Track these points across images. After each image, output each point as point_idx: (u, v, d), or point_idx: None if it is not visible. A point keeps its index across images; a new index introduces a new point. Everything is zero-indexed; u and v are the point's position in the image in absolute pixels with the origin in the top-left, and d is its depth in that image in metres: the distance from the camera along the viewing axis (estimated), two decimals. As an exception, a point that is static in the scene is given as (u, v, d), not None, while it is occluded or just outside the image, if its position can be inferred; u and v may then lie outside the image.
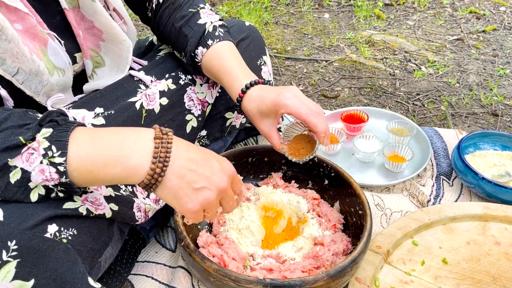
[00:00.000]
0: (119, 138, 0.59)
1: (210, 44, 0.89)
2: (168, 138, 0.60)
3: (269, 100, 0.82)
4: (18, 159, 0.54)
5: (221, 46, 0.90)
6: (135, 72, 0.87)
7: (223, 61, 0.88)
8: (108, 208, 0.69)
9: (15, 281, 0.54)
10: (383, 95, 1.66)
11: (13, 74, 0.68)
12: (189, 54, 0.90)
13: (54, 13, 0.75)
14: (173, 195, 0.61)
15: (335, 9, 2.37)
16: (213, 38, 0.89)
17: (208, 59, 0.89)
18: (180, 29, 0.90)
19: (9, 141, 0.54)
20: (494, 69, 1.81)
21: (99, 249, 0.70)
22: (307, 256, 0.89)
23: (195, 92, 0.94)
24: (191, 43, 0.90)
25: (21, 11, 0.68)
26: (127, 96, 0.83)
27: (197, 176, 0.61)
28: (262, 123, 0.87)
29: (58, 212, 0.60)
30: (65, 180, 0.57)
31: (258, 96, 0.84)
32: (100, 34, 0.81)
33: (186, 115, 0.92)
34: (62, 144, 0.56)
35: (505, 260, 0.93)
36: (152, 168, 0.58)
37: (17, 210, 0.57)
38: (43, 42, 0.72)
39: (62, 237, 0.60)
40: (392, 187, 1.16)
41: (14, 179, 0.55)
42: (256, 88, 0.86)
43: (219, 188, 0.62)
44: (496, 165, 1.16)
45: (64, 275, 0.58)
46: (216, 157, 0.65)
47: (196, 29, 0.90)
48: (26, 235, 0.55)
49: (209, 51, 0.89)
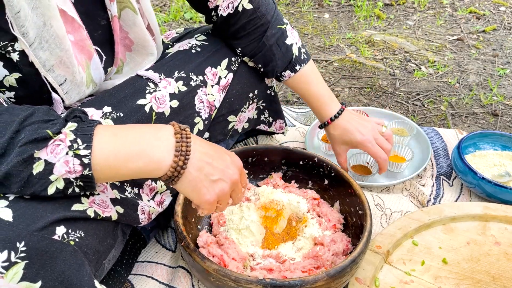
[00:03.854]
0: (141, 133, 0.62)
1: (297, 70, 1.02)
2: (186, 133, 0.63)
3: (356, 138, 1.02)
4: (43, 152, 0.55)
5: (306, 70, 1.03)
6: (143, 71, 0.87)
7: (311, 86, 1.03)
8: (114, 211, 0.69)
9: (22, 282, 0.54)
10: (383, 95, 1.66)
11: (60, 83, 0.70)
12: (275, 74, 1.03)
13: (97, 27, 0.77)
14: (193, 187, 0.65)
15: (335, 9, 2.37)
16: (300, 63, 1.02)
17: (295, 83, 1.04)
18: (271, 47, 0.98)
19: (37, 134, 0.55)
20: (494, 69, 1.81)
21: (105, 251, 0.70)
22: (307, 256, 0.89)
23: (206, 94, 0.93)
24: (278, 65, 1.00)
25: (76, 23, 0.70)
26: (136, 95, 0.83)
27: (213, 169, 0.65)
28: (339, 146, 1.07)
29: (67, 215, 0.60)
30: (87, 173, 0.57)
31: (344, 127, 1.03)
32: (130, 45, 0.84)
33: (195, 118, 0.92)
34: (87, 138, 0.58)
35: (505, 260, 0.93)
36: (175, 161, 0.61)
37: (27, 212, 0.57)
38: (89, 56, 0.75)
39: (70, 239, 0.60)
40: (392, 187, 1.16)
41: (37, 171, 0.55)
42: (342, 118, 1.03)
43: (232, 180, 0.67)
44: (496, 165, 1.16)
45: (71, 277, 0.58)
46: (226, 151, 0.70)
47: (284, 51, 1.00)
48: (35, 236, 0.55)
49: (296, 75, 1.02)
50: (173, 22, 2.21)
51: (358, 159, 1.19)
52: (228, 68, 0.99)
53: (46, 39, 0.65)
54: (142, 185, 0.80)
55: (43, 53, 0.66)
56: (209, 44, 0.99)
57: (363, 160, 1.18)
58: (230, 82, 1.00)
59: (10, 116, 0.55)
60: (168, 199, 0.88)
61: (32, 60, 0.66)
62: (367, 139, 1.01)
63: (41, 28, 0.64)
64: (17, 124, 0.54)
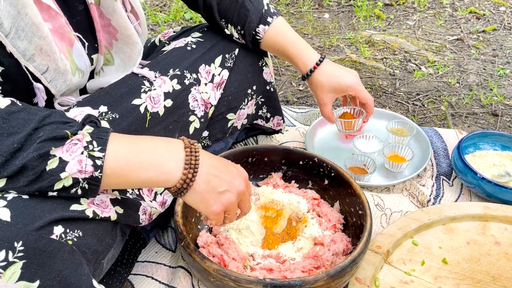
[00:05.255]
0: (153, 145, 0.65)
1: (270, 22, 0.99)
2: (195, 148, 0.66)
3: (345, 81, 1.01)
4: (59, 150, 0.57)
5: (279, 22, 1.00)
6: (138, 69, 0.87)
7: (287, 36, 1.00)
8: (114, 211, 0.69)
9: (20, 282, 0.53)
10: (383, 95, 1.66)
11: (42, 72, 0.70)
12: (250, 31, 0.99)
13: (75, 13, 0.77)
14: (201, 199, 0.67)
15: (335, 9, 2.37)
16: (271, 15, 0.99)
17: (271, 36, 1.00)
18: (243, 2, 0.97)
19: (56, 133, 0.57)
20: (494, 69, 1.81)
21: (103, 251, 0.70)
22: (307, 256, 0.89)
23: (200, 92, 0.94)
24: (252, 20, 0.98)
25: (52, 10, 0.69)
26: (131, 94, 0.83)
27: (220, 181, 0.68)
28: (326, 95, 1.05)
29: (65, 215, 0.60)
30: (97, 175, 0.59)
31: (330, 72, 1.01)
32: (114, 33, 0.83)
33: (190, 116, 0.92)
34: (102, 141, 0.60)
35: (505, 260, 0.93)
36: (185, 173, 0.64)
37: (25, 212, 0.56)
38: (70, 43, 0.74)
39: (68, 239, 0.60)
40: (392, 187, 1.16)
41: (50, 167, 0.57)
42: (326, 64, 1.01)
43: (238, 191, 0.70)
44: (496, 165, 1.16)
45: (69, 277, 0.58)
46: (232, 164, 0.73)
47: (256, 4, 0.98)
48: (33, 236, 0.55)
49: (270, 28, 0.99)
50: (173, 22, 2.21)
51: (355, 160, 1.19)
52: (222, 65, 0.99)
53: (22, 28, 0.65)
54: None
55: (21, 43, 0.65)
56: (204, 41, 1.00)
57: (360, 162, 1.18)
58: (226, 79, 1.00)
59: (27, 115, 0.57)
60: (170, 199, 0.88)
61: (10, 50, 0.65)
62: (357, 81, 1.03)
63: (15, 17, 0.63)
64: (36, 122, 0.57)
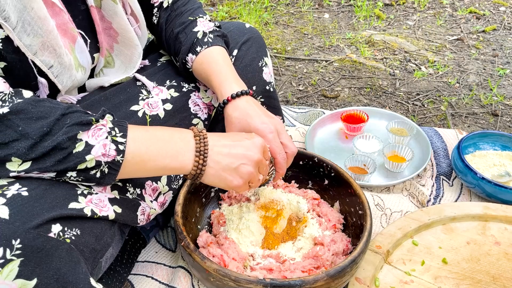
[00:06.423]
0: (168, 134, 0.70)
1: (198, 51, 0.90)
2: (203, 134, 0.72)
3: (255, 123, 0.83)
4: (85, 134, 0.62)
5: (210, 51, 0.91)
6: (139, 75, 0.88)
7: (212, 65, 0.89)
8: (112, 210, 0.69)
9: (17, 280, 0.54)
10: (383, 95, 1.66)
11: (49, 67, 0.71)
12: (181, 61, 0.92)
13: (77, 13, 0.78)
14: (218, 179, 0.73)
15: (335, 9, 2.37)
16: (201, 44, 0.91)
17: (198, 64, 0.90)
18: (177, 35, 0.93)
19: (82, 118, 0.62)
20: (494, 69, 1.81)
21: (101, 250, 0.70)
22: (307, 256, 0.89)
23: (200, 98, 0.95)
24: (183, 50, 0.92)
25: (56, 6, 0.71)
26: (130, 102, 0.84)
27: (232, 158, 0.73)
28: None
29: (63, 213, 0.61)
30: (119, 159, 0.64)
31: (244, 111, 0.84)
32: (115, 36, 0.85)
33: (193, 119, 0.93)
34: (123, 128, 0.66)
35: (505, 260, 0.93)
36: (196, 160, 0.70)
37: (23, 209, 0.57)
38: (73, 39, 0.76)
39: (66, 237, 0.60)
40: (392, 187, 1.16)
41: (77, 150, 0.61)
42: (244, 100, 0.85)
43: (254, 161, 0.74)
44: (496, 165, 1.16)
45: (67, 275, 0.58)
46: (245, 135, 0.77)
47: (190, 36, 0.92)
48: (31, 234, 0.55)
49: (199, 57, 0.90)
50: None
51: (355, 160, 1.19)
52: None
53: (28, 22, 0.65)
54: (143, 185, 0.80)
55: (27, 37, 0.66)
56: None
57: (360, 162, 1.18)
58: None
59: (51, 104, 0.62)
60: (169, 200, 0.88)
61: (18, 44, 0.66)
62: (269, 128, 0.83)
63: (22, 11, 0.64)
64: (63, 109, 0.61)
